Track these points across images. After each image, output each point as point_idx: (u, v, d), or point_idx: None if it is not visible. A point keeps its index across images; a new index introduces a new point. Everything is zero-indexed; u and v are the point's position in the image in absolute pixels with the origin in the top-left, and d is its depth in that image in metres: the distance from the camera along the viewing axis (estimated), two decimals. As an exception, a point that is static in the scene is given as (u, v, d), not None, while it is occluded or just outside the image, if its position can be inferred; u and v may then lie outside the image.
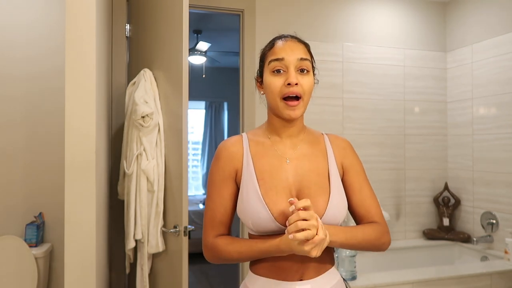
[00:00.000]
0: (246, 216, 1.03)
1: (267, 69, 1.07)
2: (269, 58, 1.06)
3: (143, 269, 1.94)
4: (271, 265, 1.04)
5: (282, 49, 1.05)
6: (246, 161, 1.07)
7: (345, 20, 2.96)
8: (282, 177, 1.05)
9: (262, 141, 1.11)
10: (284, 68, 1.04)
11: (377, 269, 2.67)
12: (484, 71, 2.85)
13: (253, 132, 1.16)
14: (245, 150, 1.09)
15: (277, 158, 1.08)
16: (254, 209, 1.01)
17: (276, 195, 1.02)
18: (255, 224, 1.02)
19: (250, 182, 1.04)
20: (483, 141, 2.85)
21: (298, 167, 1.07)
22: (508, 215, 2.65)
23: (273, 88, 1.04)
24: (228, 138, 1.13)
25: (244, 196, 1.04)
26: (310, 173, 1.07)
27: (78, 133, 1.47)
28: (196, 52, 4.64)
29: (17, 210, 2.18)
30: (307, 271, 1.04)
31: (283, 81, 1.03)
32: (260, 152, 1.09)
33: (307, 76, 1.05)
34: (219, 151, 1.11)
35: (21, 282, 2.00)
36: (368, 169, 2.96)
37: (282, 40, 1.08)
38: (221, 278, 4.21)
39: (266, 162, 1.07)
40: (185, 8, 1.74)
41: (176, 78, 1.81)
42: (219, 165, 1.09)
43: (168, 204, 1.91)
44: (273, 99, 1.05)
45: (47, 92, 2.23)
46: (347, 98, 2.94)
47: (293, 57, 1.03)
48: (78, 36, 1.47)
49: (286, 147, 1.10)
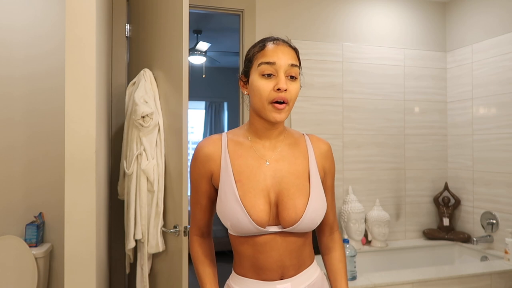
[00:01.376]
0: (225, 217, 1.04)
1: (255, 71, 1.04)
2: (259, 60, 1.04)
3: (143, 269, 1.94)
4: (252, 265, 1.06)
5: (274, 53, 1.03)
6: (224, 162, 1.07)
7: (345, 20, 2.96)
8: (261, 179, 1.05)
9: (242, 141, 1.10)
10: (274, 72, 1.02)
11: (377, 269, 2.67)
12: (484, 71, 2.85)
13: (233, 132, 1.15)
14: (223, 150, 1.08)
15: (256, 159, 1.07)
16: (232, 211, 1.01)
17: (255, 197, 1.02)
18: (233, 226, 1.02)
19: (228, 184, 1.04)
20: (483, 141, 2.85)
21: (277, 169, 1.07)
22: (508, 215, 2.65)
23: (261, 91, 1.02)
24: (208, 137, 1.13)
25: (223, 197, 1.04)
26: (290, 175, 1.07)
27: (78, 133, 1.47)
28: (196, 52, 4.64)
29: (17, 210, 2.18)
30: (287, 270, 1.06)
31: (273, 86, 1.01)
32: (239, 153, 1.08)
33: (295, 82, 1.04)
34: (196, 151, 1.11)
35: (21, 282, 2.00)
36: (368, 169, 2.99)
37: (274, 43, 1.05)
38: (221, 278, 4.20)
39: (245, 163, 1.06)
40: (185, 8, 1.74)
41: (176, 78, 1.81)
42: (195, 165, 1.11)
43: (168, 204, 1.90)
44: (260, 102, 1.03)
45: (47, 92, 2.23)
46: (347, 98, 2.94)
47: (284, 62, 1.02)
48: (78, 36, 1.47)
49: (265, 148, 1.09)
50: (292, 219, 1.02)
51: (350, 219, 2.73)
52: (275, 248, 1.04)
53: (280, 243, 1.04)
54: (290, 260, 1.06)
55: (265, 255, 1.04)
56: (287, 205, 1.03)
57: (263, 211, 1.02)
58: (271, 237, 1.04)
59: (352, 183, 2.91)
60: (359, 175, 2.94)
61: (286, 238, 1.05)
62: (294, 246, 1.06)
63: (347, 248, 2.20)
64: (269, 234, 1.04)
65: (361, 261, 2.58)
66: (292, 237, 1.05)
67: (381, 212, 2.81)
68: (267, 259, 1.04)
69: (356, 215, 2.72)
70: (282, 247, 1.05)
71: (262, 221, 1.01)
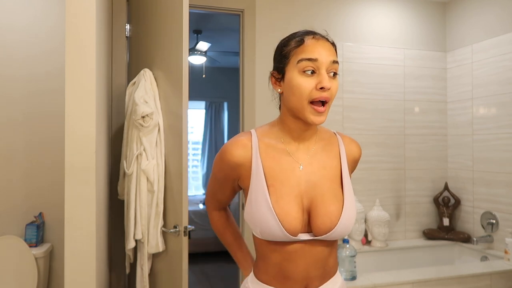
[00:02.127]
0: (254, 223, 0.99)
1: (294, 68, 0.97)
2: (299, 56, 0.96)
3: (143, 269, 1.94)
4: (277, 273, 1.01)
5: (315, 49, 0.96)
6: (256, 165, 1.00)
7: (345, 20, 2.96)
8: (294, 184, 0.99)
9: (274, 143, 1.03)
10: (316, 69, 0.95)
11: (377, 269, 2.67)
12: (484, 71, 2.85)
13: (264, 130, 1.07)
14: (254, 153, 1.01)
15: (290, 163, 1.01)
16: (263, 217, 0.96)
17: (288, 204, 0.97)
18: (263, 233, 0.98)
19: (260, 188, 0.98)
20: (483, 141, 2.85)
21: (311, 173, 1.01)
22: (508, 215, 2.65)
23: (302, 90, 0.95)
24: (236, 139, 1.04)
25: (253, 202, 0.99)
26: (323, 179, 1.02)
27: (78, 133, 1.47)
28: (196, 52, 4.64)
29: (17, 210, 2.18)
30: (311, 281, 1.02)
31: (315, 84, 0.95)
32: (271, 155, 1.01)
33: (336, 80, 0.98)
34: (223, 153, 1.04)
35: (21, 282, 2.00)
36: (368, 169, 2.99)
37: (314, 38, 0.98)
38: (221, 278, 4.21)
39: (278, 167, 1.00)
40: (185, 8, 1.74)
41: (176, 78, 1.80)
42: (222, 167, 1.05)
43: (168, 204, 1.90)
44: (299, 101, 0.96)
45: (47, 92, 2.23)
46: (347, 98, 2.93)
47: (326, 59, 0.95)
48: (78, 36, 1.47)
49: (299, 151, 1.03)
50: (326, 227, 0.97)
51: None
52: (302, 257, 0.99)
53: (307, 252, 1.00)
54: (315, 270, 1.01)
55: (292, 263, 0.99)
56: (320, 212, 0.98)
57: (296, 219, 0.96)
58: (301, 245, 0.99)
59: (352, 183, 2.90)
60: (359, 175, 2.94)
61: (314, 247, 1.00)
62: (321, 255, 1.02)
63: (347, 248, 2.20)
64: (298, 242, 0.99)
65: (361, 261, 2.58)
66: (320, 246, 1.01)
67: (381, 212, 2.81)
68: (293, 268, 0.99)
69: (356, 215, 2.72)
70: (310, 256, 1.00)
71: (295, 230, 0.96)
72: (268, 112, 1.75)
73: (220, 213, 1.23)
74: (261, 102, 2.65)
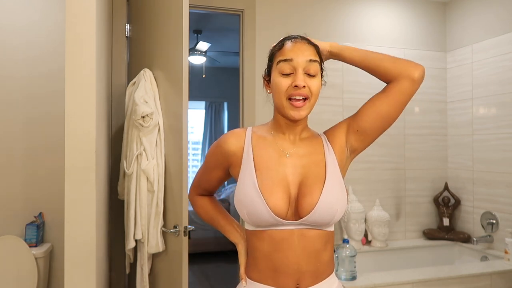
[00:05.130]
0: (242, 206, 1.04)
1: (275, 69, 1.07)
2: (278, 59, 1.06)
3: (143, 269, 1.94)
4: (267, 266, 1.04)
5: (291, 50, 1.05)
6: (246, 154, 1.09)
7: (345, 20, 2.96)
8: (280, 169, 1.06)
9: (265, 135, 1.13)
10: (292, 70, 1.04)
11: (377, 269, 2.67)
12: (484, 71, 2.85)
13: (258, 126, 1.19)
14: (247, 143, 1.11)
15: (277, 151, 1.10)
16: (250, 199, 1.02)
17: (273, 186, 1.03)
18: (250, 214, 1.02)
19: (248, 173, 1.05)
20: (483, 141, 2.85)
21: (297, 161, 1.08)
22: (508, 215, 2.65)
23: (280, 88, 1.05)
24: (233, 131, 1.16)
25: (241, 186, 1.05)
26: (309, 164, 1.08)
27: (78, 134, 1.47)
28: (196, 52, 4.65)
29: (17, 210, 2.18)
30: (303, 277, 1.03)
31: (291, 82, 1.03)
32: (261, 145, 1.11)
33: (315, 78, 1.05)
34: (219, 142, 1.15)
35: (21, 282, 2.00)
36: (368, 169, 2.98)
37: (292, 41, 1.07)
38: (221, 278, 4.21)
39: (266, 155, 1.09)
40: (185, 8, 1.74)
41: (176, 78, 1.81)
42: (215, 153, 1.16)
43: (168, 204, 1.91)
44: (279, 99, 1.06)
45: (47, 93, 2.23)
46: (347, 98, 2.93)
47: (301, 59, 1.03)
48: (78, 36, 1.47)
49: (286, 141, 1.12)
50: (308, 205, 1.01)
51: (350, 219, 2.73)
52: (292, 247, 1.02)
53: (297, 242, 1.03)
54: (307, 265, 1.03)
55: (281, 254, 1.02)
56: (304, 193, 1.03)
57: (281, 199, 1.02)
58: (289, 233, 1.03)
59: (352, 183, 2.91)
60: (359, 175, 2.94)
61: (304, 237, 1.03)
62: (312, 248, 1.04)
63: (347, 248, 2.20)
64: (286, 230, 1.03)
65: (361, 261, 2.58)
66: (310, 237, 1.04)
67: (381, 212, 2.81)
68: (283, 260, 1.02)
69: (356, 215, 2.72)
70: (300, 248, 1.03)
71: (280, 210, 1.01)
72: (268, 112, 1.75)
73: (203, 197, 1.29)
74: (261, 102, 2.65)
